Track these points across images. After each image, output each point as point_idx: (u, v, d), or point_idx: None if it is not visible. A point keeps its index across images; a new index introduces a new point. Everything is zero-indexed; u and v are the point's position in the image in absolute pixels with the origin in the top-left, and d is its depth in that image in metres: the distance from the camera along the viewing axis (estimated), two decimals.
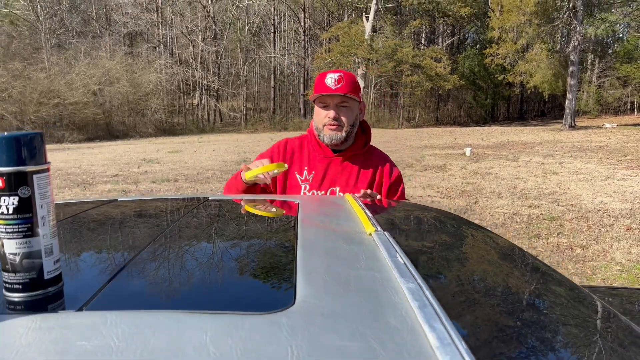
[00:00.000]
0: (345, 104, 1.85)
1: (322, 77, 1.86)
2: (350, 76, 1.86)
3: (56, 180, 10.04)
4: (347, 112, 1.87)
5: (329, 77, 1.83)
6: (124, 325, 0.51)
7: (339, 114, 1.85)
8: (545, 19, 25.69)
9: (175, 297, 0.64)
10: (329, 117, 1.84)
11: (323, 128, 1.87)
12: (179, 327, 0.51)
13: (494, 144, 17.65)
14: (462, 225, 1.32)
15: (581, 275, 4.33)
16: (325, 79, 1.83)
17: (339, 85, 1.81)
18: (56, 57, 29.89)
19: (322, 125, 1.87)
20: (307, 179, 1.92)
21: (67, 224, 1.06)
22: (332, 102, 1.85)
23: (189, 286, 0.67)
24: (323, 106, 1.87)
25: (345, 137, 1.87)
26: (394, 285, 0.67)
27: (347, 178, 1.90)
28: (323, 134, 1.88)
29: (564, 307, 0.85)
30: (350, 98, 1.85)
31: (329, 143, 1.89)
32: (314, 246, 0.84)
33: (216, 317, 0.54)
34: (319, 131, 1.90)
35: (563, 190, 8.21)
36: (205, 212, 1.22)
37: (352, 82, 1.85)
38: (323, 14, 41.85)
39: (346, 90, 1.82)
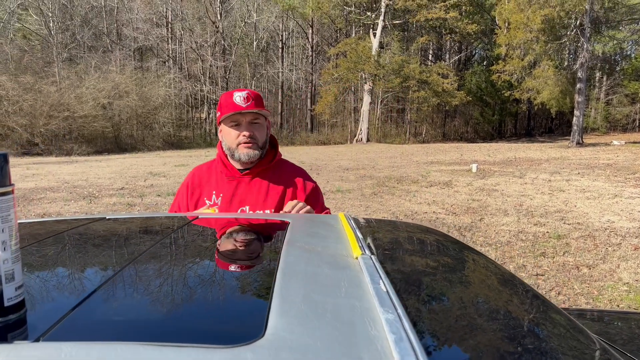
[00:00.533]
0: (256, 121, 1.85)
1: (229, 96, 1.83)
2: (256, 93, 1.86)
3: (62, 193, 10.08)
4: (260, 129, 1.87)
5: (237, 96, 1.81)
6: (79, 359, 0.49)
7: (253, 132, 1.84)
8: (553, 36, 25.72)
9: (140, 327, 0.61)
10: (244, 136, 1.82)
11: (237, 147, 1.84)
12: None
13: (500, 161, 17.57)
14: (457, 250, 1.28)
15: (587, 296, 4.25)
16: (233, 97, 1.81)
17: (249, 103, 1.80)
18: (67, 71, 30.28)
19: (235, 145, 1.84)
20: (216, 203, 1.88)
21: (46, 244, 1.04)
22: (244, 120, 1.83)
23: (158, 316, 0.65)
24: (234, 125, 1.84)
25: (260, 154, 1.87)
26: (373, 315, 0.64)
27: (256, 195, 1.87)
28: (238, 152, 1.85)
29: (556, 341, 0.81)
30: (261, 115, 1.86)
31: (246, 161, 1.86)
32: (295, 271, 0.81)
33: (178, 350, 0.51)
34: (233, 151, 1.86)
35: (570, 208, 8.12)
36: (189, 233, 1.19)
37: (260, 99, 1.86)
38: (331, 30, 42.20)
39: (257, 106, 1.81)
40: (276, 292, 0.70)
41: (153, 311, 0.66)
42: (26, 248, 0.99)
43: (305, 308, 0.65)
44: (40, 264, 0.89)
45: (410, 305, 0.75)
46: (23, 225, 1.26)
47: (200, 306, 0.69)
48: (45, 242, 1.05)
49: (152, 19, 37.45)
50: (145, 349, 0.51)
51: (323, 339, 0.56)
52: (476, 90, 38.72)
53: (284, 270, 0.80)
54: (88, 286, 0.74)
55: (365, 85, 33.41)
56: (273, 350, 0.53)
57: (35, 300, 0.68)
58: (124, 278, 0.79)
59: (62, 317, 0.61)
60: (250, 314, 0.66)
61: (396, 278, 0.88)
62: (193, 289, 0.75)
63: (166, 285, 0.77)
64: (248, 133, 1.82)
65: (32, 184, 11.63)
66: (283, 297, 0.68)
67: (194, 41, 37.90)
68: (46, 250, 0.99)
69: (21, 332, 0.58)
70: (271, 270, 0.82)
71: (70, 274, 0.85)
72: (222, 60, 38.05)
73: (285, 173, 1.94)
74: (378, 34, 33.10)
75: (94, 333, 0.58)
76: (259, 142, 1.86)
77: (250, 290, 0.76)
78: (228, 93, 1.85)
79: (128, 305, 0.68)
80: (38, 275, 0.81)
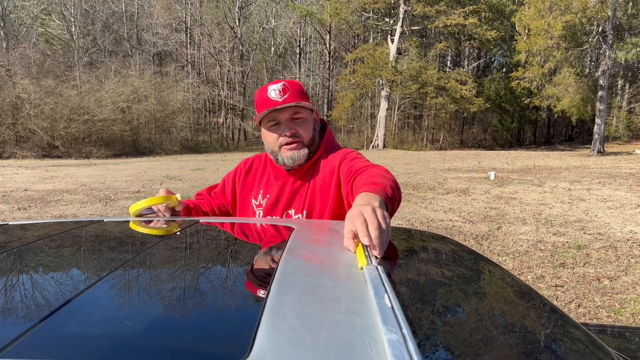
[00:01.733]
0: (298, 116, 1.57)
1: (263, 92, 1.56)
2: (294, 83, 1.59)
3: (79, 196, 10.16)
4: (304, 124, 1.59)
5: (272, 90, 1.54)
6: None
7: (295, 129, 1.57)
8: (574, 42, 25.34)
9: (108, 346, 0.54)
10: (285, 135, 1.56)
11: (280, 150, 1.58)
12: None
13: (519, 169, 17.30)
14: (472, 261, 1.20)
15: (608, 309, 4.10)
16: (268, 92, 1.54)
17: (286, 96, 1.53)
18: (87, 75, 30.80)
19: (278, 147, 1.58)
20: (261, 204, 1.67)
21: (27, 249, 0.99)
22: (283, 117, 1.56)
23: (131, 333, 0.58)
24: (273, 124, 1.57)
25: (308, 153, 1.60)
26: (375, 335, 0.57)
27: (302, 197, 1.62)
28: (282, 156, 1.59)
29: (574, 358, 0.73)
30: (303, 107, 1.57)
31: (292, 165, 1.59)
32: (292, 282, 0.74)
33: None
34: (276, 154, 1.61)
35: (590, 218, 7.92)
36: (186, 238, 1.13)
37: (299, 89, 1.58)
38: (348, 36, 42.23)
39: (295, 98, 1.54)
40: (268, 306, 0.64)
41: (126, 328, 0.59)
42: (5, 252, 0.94)
43: (298, 325, 0.58)
44: (18, 270, 0.84)
45: (417, 323, 0.68)
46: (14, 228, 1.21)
47: (180, 323, 0.62)
48: (27, 246, 1.00)
49: (171, 24, 37.92)
50: None
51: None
52: (495, 97, 38.34)
53: (279, 281, 0.74)
54: (61, 297, 0.68)
55: (382, 91, 33.30)
56: None
57: (3, 310, 0.63)
58: (103, 289, 0.73)
59: (27, 330, 0.55)
60: (236, 331, 0.59)
61: (403, 292, 0.80)
62: (174, 303, 0.69)
63: (148, 300, 0.70)
64: (290, 132, 1.55)
65: (50, 186, 11.76)
66: (275, 311, 0.62)
67: (213, 46, 38.24)
68: (30, 256, 0.94)
69: None
70: (266, 280, 0.75)
71: (47, 281, 0.79)
72: (239, 66, 38.32)
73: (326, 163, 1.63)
74: (396, 40, 33.00)
75: (57, 352, 0.52)
76: (305, 140, 1.58)
77: (240, 304, 0.69)
78: (262, 88, 1.58)
79: (101, 320, 0.61)
80: (14, 281, 0.76)
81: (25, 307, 0.66)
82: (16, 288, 0.74)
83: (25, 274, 0.82)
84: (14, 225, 1.28)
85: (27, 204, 9.01)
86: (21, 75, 26.89)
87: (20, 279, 0.79)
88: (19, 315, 0.62)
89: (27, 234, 1.13)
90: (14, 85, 25.93)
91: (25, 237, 1.09)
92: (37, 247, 1.00)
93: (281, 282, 0.73)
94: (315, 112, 1.66)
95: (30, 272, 0.83)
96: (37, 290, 0.74)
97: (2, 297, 0.69)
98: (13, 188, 11.27)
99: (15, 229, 1.21)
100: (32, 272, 0.83)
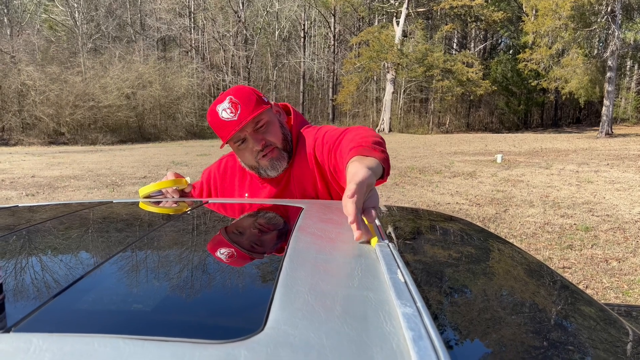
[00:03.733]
0: (260, 123, 1.49)
1: (214, 115, 1.47)
2: (240, 92, 1.48)
3: (86, 182, 10.21)
4: (270, 128, 1.50)
5: (222, 111, 1.45)
6: (49, 353, 0.44)
7: (264, 139, 1.49)
8: (582, 23, 24.96)
9: (125, 320, 0.54)
10: (257, 150, 1.48)
11: (258, 163, 1.52)
12: (114, 356, 0.43)
13: (526, 151, 17.19)
14: (483, 239, 1.19)
15: (617, 290, 4.09)
16: (219, 115, 1.45)
17: (239, 112, 1.44)
18: (92, 61, 30.71)
19: (255, 162, 1.52)
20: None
21: (41, 227, 0.99)
22: (246, 133, 1.48)
23: (147, 308, 0.58)
24: (240, 143, 1.50)
25: (287, 156, 1.54)
26: (389, 309, 0.56)
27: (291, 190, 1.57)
28: (263, 169, 1.52)
29: (592, 338, 0.73)
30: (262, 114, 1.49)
31: (277, 174, 1.53)
32: (304, 259, 0.74)
33: (161, 345, 0.46)
34: (257, 169, 1.54)
35: (598, 200, 7.87)
36: (194, 218, 1.13)
37: (247, 96, 1.48)
38: (353, 19, 41.80)
39: (248, 111, 1.44)
40: (281, 281, 0.63)
41: (143, 303, 0.59)
42: (19, 232, 0.94)
43: (312, 299, 0.58)
44: (30, 249, 0.84)
45: (431, 297, 0.67)
46: (27, 209, 1.22)
47: (194, 298, 0.62)
48: (40, 226, 1.00)
49: (175, 9, 37.66)
50: (125, 343, 0.46)
51: (330, 335, 0.49)
52: (502, 79, 37.97)
53: (291, 258, 0.73)
54: (74, 274, 0.68)
55: (387, 74, 33.05)
56: (271, 347, 0.47)
57: (17, 286, 0.63)
58: (116, 266, 0.73)
59: (40, 305, 0.55)
60: (249, 306, 0.59)
61: (416, 268, 0.80)
62: (188, 280, 0.69)
63: (160, 275, 0.70)
64: (260, 145, 1.48)
65: (57, 172, 11.82)
66: (288, 287, 0.61)
67: (216, 31, 38.00)
68: (42, 235, 0.94)
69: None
70: (278, 258, 0.75)
71: (59, 260, 0.79)
72: (244, 50, 38.10)
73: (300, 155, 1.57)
74: (401, 23, 32.63)
75: (72, 325, 0.52)
76: (278, 144, 1.51)
77: (252, 280, 0.69)
78: (211, 110, 1.48)
79: (115, 296, 0.61)
80: (26, 260, 0.76)
81: (38, 284, 0.66)
82: (29, 266, 0.74)
83: (37, 253, 0.82)
84: (24, 207, 1.28)
85: (34, 190, 9.07)
86: (26, 62, 26.88)
87: (33, 257, 0.79)
88: (32, 291, 0.62)
89: (38, 215, 1.13)
90: (18, 72, 25.94)
91: (36, 218, 1.09)
92: (48, 227, 1.00)
93: (293, 259, 0.73)
94: (273, 104, 1.58)
95: (42, 251, 0.83)
96: (49, 268, 0.74)
97: (16, 274, 0.69)
98: (20, 175, 11.34)
99: (26, 210, 1.22)
100: (44, 251, 0.83)
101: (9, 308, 0.55)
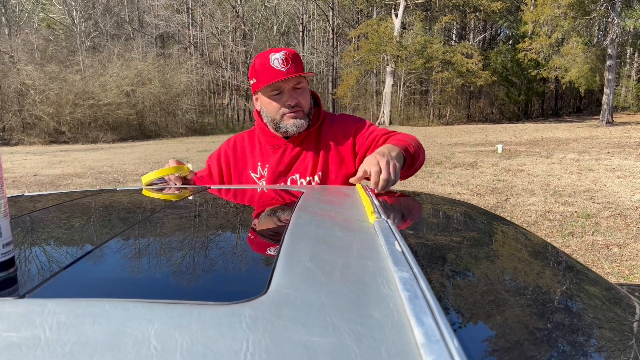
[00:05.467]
0: (299, 86, 1.62)
1: (264, 59, 1.57)
2: (294, 52, 1.61)
3: (88, 179, 10.25)
4: (304, 94, 1.64)
5: (274, 59, 1.56)
6: (62, 315, 0.46)
7: (297, 98, 1.62)
8: (581, 11, 24.85)
9: (134, 286, 0.57)
10: (289, 104, 1.61)
11: (282, 118, 1.63)
12: (124, 317, 0.46)
13: (527, 141, 17.18)
14: (480, 216, 1.21)
15: (618, 275, 4.12)
16: (271, 61, 1.56)
17: (289, 66, 1.56)
18: (91, 60, 30.69)
19: (280, 116, 1.63)
20: (262, 175, 1.71)
21: (49, 211, 1.02)
22: (286, 87, 1.60)
23: (156, 276, 0.61)
24: (276, 94, 1.62)
25: (307, 122, 1.66)
26: (386, 274, 0.59)
27: (305, 161, 1.68)
28: (284, 124, 1.64)
29: (584, 305, 0.75)
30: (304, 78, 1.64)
31: (294, 132, 1.65)
32: (305, 233, 0.76)
33: (169, 307, 0.48)
34: (277, 123, 1.65)
35: (599, 188, 7.88)
36: (200, 201, 1.15)
37: (299, 59, 1.62)
38: (352, 12, 41.67)
39: (298, 69, 1.58)
40: (283, 251, 0.66)
41: (150, 272, 0.62)
42: (29, 215, 0.97)
43: (312, 266, 0.60)
44: (42, 229, 0.86)
45: (427, 265, 0.70)
46: (32, 198, 1.24)
47: (200, 267, 0.65)
48: (50, 209, 1.03)
49: (172, 6, 37.56)
50: (134, 305, 0.48)
51: (330, 296, 0.52)
52: (501, 70, 37.85)
53: (292, 232, 0.76)
54: (84, 249, 0.71)
55: (387, 67, 32.96)
56: (274, 307, 0.49)
57: (29, 261, 0.65)
58: (125, 241, 0.75)
59: (52, 275, 0.57)
60: (253, 273, 0.62)
61: (413, 241, 0.82)
62: (194, 250, 0.71)
63: (166, 247, 0.73)
64: (294, 102, 1.61)
65: (59, 171, 11.85)
66: (290, 256, 0.64)
67: (215, 27, 37.91)
68: (50, 217, 0.97)
69: (9, 290, 0.54)
70: (279, 232, 0.77)
71: (68, 237, 0.82)
72: (242, 45, 38.02)
73: (331, 130, 1.71)
74: (400, 15, 32.51)
75: (83, 290, 0.55)
76: (305, 109, 1.65)
77: (255, 251, 0.72)
78: (263, 55, 1.59)
79: (124, 266, 0.64)
80: (36, 238, 0.78)
81: (49, 258, 0.68)
82: (39, 243, 0.77)
83: (47, 232, 0.84)
84: (30, 195, 1.31)
85: (37, 188, 9.11)
86: (25, 62, 26.88)
87: (43, 235, 0.82)
88: (44, 264, 0.65)
89: (45, 202, 1.16)
90: (18, 72, 25.94)
91: (44, 204, 1.12)
92: (57, 211, 1.03)
93: (294, 233, 0.75)
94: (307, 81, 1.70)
95: (51, 230, 0.86)
96: (59, 245, 0.76)
97: (27, 250, 0.71)
98: (22, 174, 11.38)
99: (31, 199, 1.24)
100: (53, 230, 0.86)
101: (22, 278, 0.57)
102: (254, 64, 1.62)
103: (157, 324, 0.45)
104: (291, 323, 0.46)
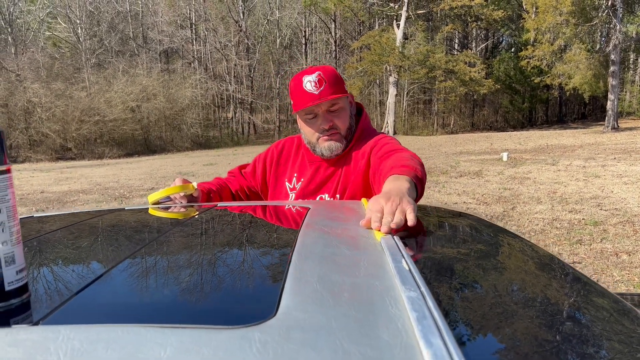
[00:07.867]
0: (335, 107, 1.57)
1: (298, 82, 1.55)
2: (328, 71, 1.56)
3: (94, 195, 10.30)
4: (341, 114, 1.59)
5: (307, 82, 1.52)
6: (76, 341, 0.47)
7: (333, 121, 1.57)
8: (583, 18, 24.89)
9: (145, 311, 0.58)
10: (323, 129, 1.57)
11: (317, 142, 1.60)
12: (137, 342, 0.47)
13: (532, 148, 17.14)
14: (488, 231, 1.21)
15: (628, 283, 4.08)
16: (303, 84, 1.53)
17: (322, 88, 1.52)
18: (96, 76, 30.96)
19: (315, 139, 1.60)
20: (295, 187, 1.69)
21: (59, 233, 1.03)
22: (320, 110, 1.56)
23: (166, 300, 0.62)
24: (311, 117, 1.58)
25: (343, 145, 1.61)
26: (394, 294, 0.59)
27: (336, 181, 1.64)
28: (319, 147, 1.60)
29: (596, 322, 0.75)
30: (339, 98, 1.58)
31: (329, 155, 1.61)
32: (312, 252, 0.77)
33: (180, 331, 0.49)
34: (313, 145, 1.63)
35: (606, 194, 7.84)
36: (207, 220, 1.16)
37: (335, 78, 1.56)
38: (354, 24, 41.91)
39: (331, 91, 1.53)
40: (290, 272, 0.66)
41: (161, 295, 0.63)
42: (39, 238, 0.98)
43: (320, 288, 0.61)
44: (52, 252, 0.87)
45: (434, 284, 0.70)
46: (41, 219, 1.26)
47: (209, 289, 0.66)
48: (59, 232, 1.04)
49: (176, 21, 37.93)
50: (146, 330, 0.49)
51: (338, 318, 0.52)
52: (505, 77, 37.86)
53: (299, 252, 0.76)
54: (95, 272, 0.72)
55: (390, 77, 33.06)
56: (284, 330, 0.49)
57: (41, 286, 0.66)
58: (134, 264, 0.76)
59: (65, 301, 0.58)
60: (261, 295, 0.63)
61: (421, 258, 0.82)
62: (202, 273, 0.72)
63: (176, 270, 0.74)
64: (327, 125, 1.56)
65: (65, 187, 11.92)
66: (297, 277, 0.64)
67: (218, 41, 38.22)
68: (60, 239, 0.98)
69: (23, 316, 0.55)
70: (286, 252, 0.78)
71: (79, 261, 0.83)
72: (246, 59, 38.28)
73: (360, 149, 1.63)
74: (402, 25, 32.68)
75: (96, 316, 0.55)
76: (342, 131, 1.59)
77: (263, 272, 0.72)
78: (297, 77, 1.56)
79: (135, 289, 0.65)
80: (47, 261, 0.79)
81: (61, 283, 0.69)
82: (52, 267, 0.78)
83: (57, 256, 0.85)
84: (39, 217, 1.33)
85: (44, 205, 9.16)
86: (31, 80, 27.16)
87: (54, 259, 0.83)
88: (56, 289, 0.66)
89: (53, 223, 1.17)
90: (24, 90, 26.20)
91: (53, 226, 1.13)
92: (66, 233, 1.04)
93: (301, 253, 0.76)
94: (350, 96, 1.66)
95: (62, 254, 0.87)
96: (70, 269, 0.77)
97: (40, 275, 0.72)
98: (30, 191, 11.45)
99: (40, 220, 1.26)
100: (64, 254, 0.87)
101: (36, 304, 0.58)
102: (290, 86, 1.62)
103: (169, 349, 0.45)
104: (301, 346, 0.46)
